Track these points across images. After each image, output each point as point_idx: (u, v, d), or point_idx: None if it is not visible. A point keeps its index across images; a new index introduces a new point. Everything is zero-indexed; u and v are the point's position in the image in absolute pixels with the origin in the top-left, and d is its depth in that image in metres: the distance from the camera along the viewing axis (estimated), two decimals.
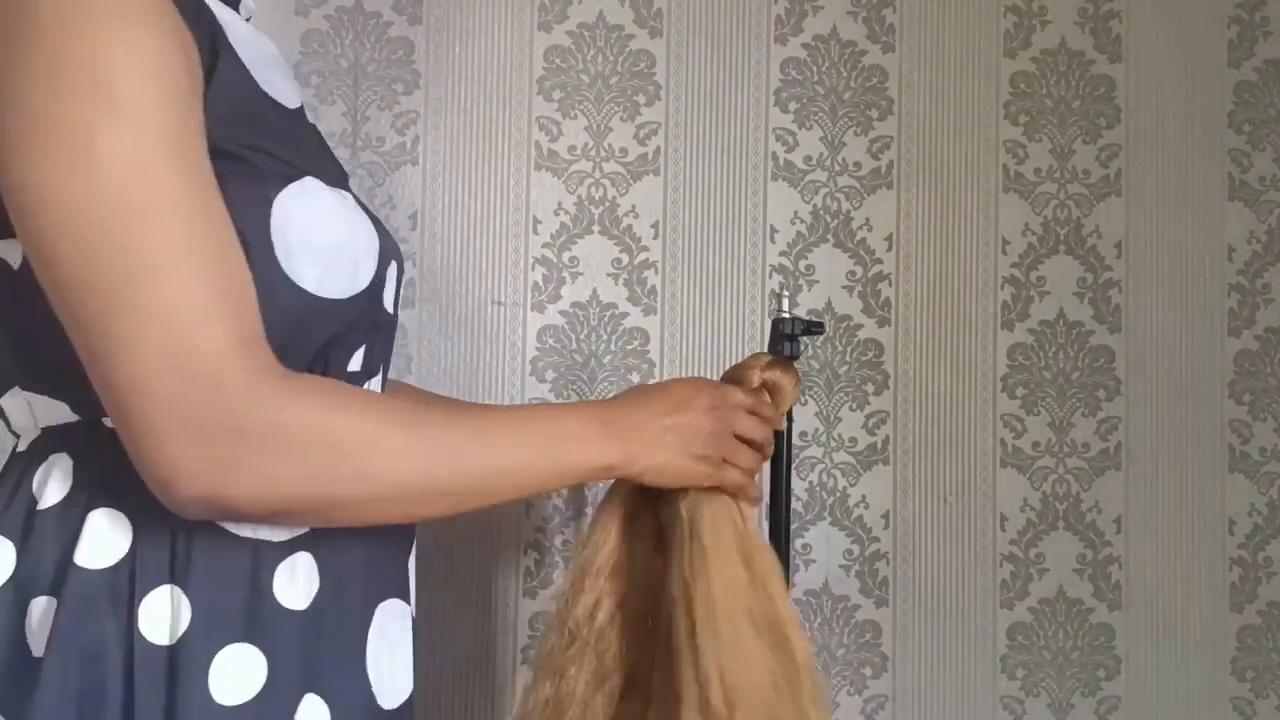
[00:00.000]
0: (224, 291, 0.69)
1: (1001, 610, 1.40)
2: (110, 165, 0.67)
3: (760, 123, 1.41)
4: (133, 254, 0.67)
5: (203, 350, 0.67)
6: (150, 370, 0.67)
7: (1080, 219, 1.43)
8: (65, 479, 0.76)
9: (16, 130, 0.67)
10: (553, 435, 0.85)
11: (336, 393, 0.75)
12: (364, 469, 0.73)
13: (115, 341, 0.67)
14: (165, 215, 0.68)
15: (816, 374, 1.40)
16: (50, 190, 0.67)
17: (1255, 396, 1.44)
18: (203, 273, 0.68)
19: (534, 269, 1.38)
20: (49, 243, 0.67)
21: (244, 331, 0.70)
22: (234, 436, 0.68)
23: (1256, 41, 1.46)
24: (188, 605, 0.74)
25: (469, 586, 1.35)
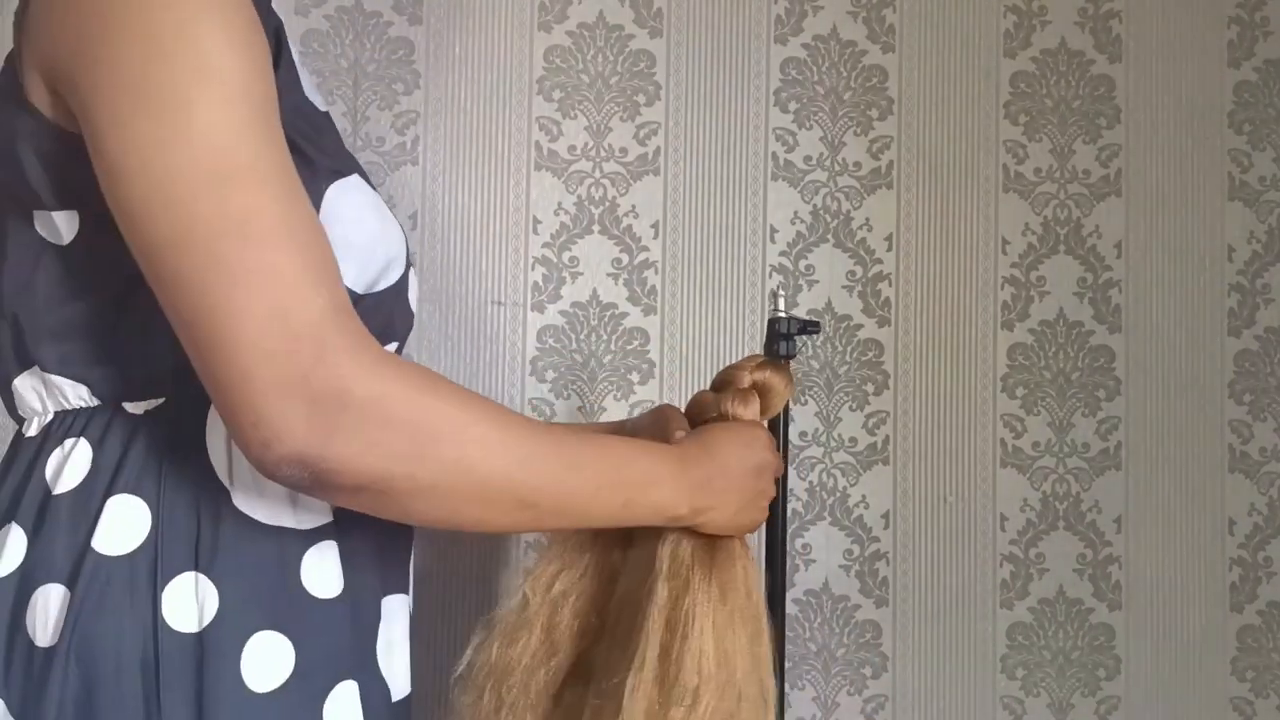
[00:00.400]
0: (319, 259, 0.70)
1: (1001, 610, 1.40)
2: (207, 131, 0.68)
3: (760, 123, 1.41)
4: (233, 216, 0.67)
5: (307, 311, 0.68)
6: (256, 329, 0.67)
7: (1080, 219, 1.43)
8: (83, 465, 0.75)
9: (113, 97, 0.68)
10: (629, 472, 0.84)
11: (432, 375, 0.75)
12: (457, 455, 0.73)
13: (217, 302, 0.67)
14: (260, 182, 0.69)
15: (816, 374, 1.40)
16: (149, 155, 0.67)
17: (1255, 396, 1.44)
18: (299, 240, 0.69)
19: (534, 269, 1.38)
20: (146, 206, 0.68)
21: (339, 299, 0.71)
22: (339, 399, 0.68)
23: (1256, 41, 1.46)
24: (214, 592, 0.73)
25: (469, 586, 1.35)
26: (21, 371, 0.80)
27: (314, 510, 0.78)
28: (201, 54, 0.68)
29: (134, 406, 0.77)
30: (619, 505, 0.84)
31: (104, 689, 0.71)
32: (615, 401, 1.37)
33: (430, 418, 0.72)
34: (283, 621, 0.75)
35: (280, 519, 0.77)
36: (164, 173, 0.67)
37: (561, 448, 0.80)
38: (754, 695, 0.89)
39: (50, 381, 0.78)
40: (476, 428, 0.74)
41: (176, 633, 0.72)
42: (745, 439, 0.94)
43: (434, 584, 1.33)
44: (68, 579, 0.73)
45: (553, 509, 0.80)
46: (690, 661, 0.87)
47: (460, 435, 0.73)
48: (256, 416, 0.67)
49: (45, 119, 0.74)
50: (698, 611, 0.89)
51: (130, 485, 0.74)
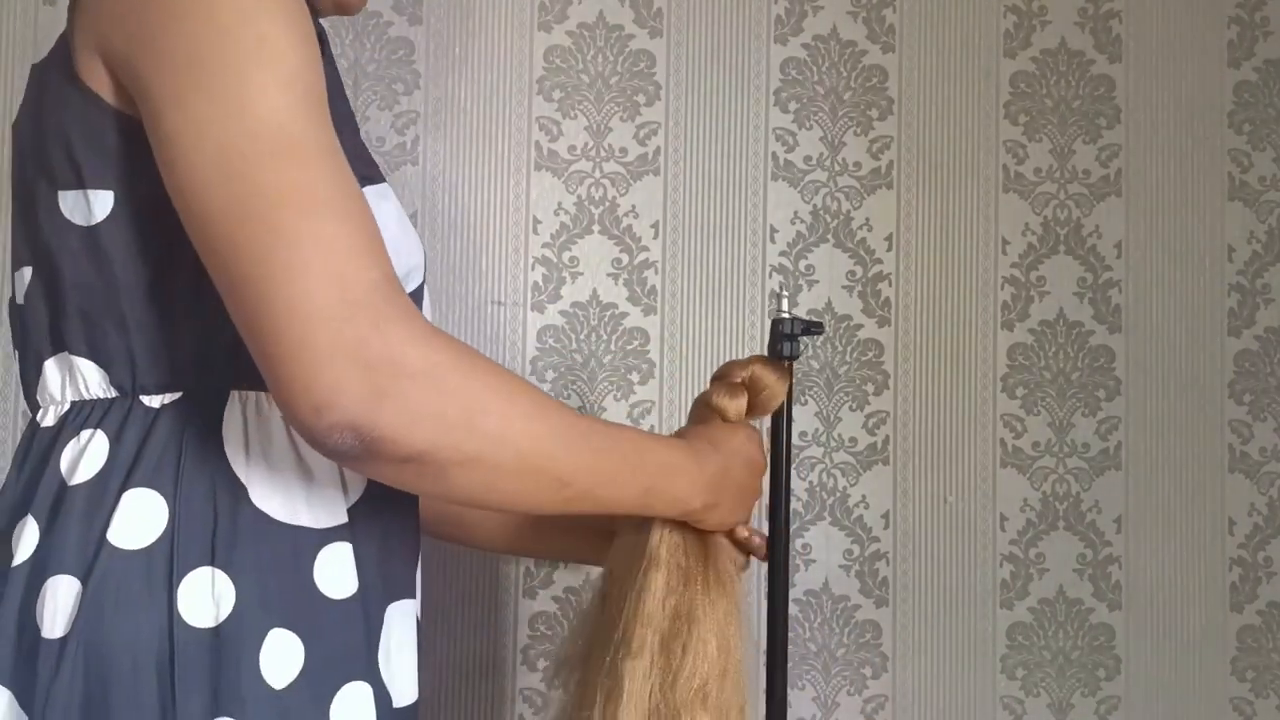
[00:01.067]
0: (371, 234, 0.71)
1: (1001, 610, 1.40)
2: (265, 107, 0.69)
3: (760, 123, 1.41)
4: (289, 187, 0.69)
5: (363, 281, 0.69)
6: (313, 295, 0.67)
7: (1080, 219, 1.43)
8: (98, 456, 0.75)
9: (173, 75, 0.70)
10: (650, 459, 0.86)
11: (476, 352, 0.76)
12: (502, 429, 0.74)
13: (273, 269, 0.68)
14: (315, 158, 0.70)
15: (816, 374, 1.40)
16: (207, 130, 0.69)
17: (1255, 396, 1.44)
18: (353, 215, 0.71)
19: (534, 269, 1.38)
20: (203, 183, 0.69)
21: (390, 271, 0.72)
22: (394, 368, 0.68)
23: (1256, 41, 1.46)
24: (231, 588, 0.73)
25: (469, 586, 1.35)
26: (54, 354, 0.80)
27: (329, 509, 0.78)
28: (260, 36, 0.70)
29: (151, 400, 0.77)
30: (640, 492, 0.85)
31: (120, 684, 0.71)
32: (615, 401, 1.37)
33: (478, 390, 0.73)
34: (294, 619, 0.75)
35: (296, 517, 0.77)
36: (223, 147, 0.69)
37: (593, 430, 0.82)
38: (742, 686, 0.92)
39: (75, 366, 0.78)
40: (519, 401, 0.76)
41: (193, 628, 0.72)
42: (742, 436, 0.96)
43: (434, 584, 1.33)
44: (80, 571, 0.73)
45: (584, 490, 0.80)
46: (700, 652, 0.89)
47: (506, 409, 0.74)
48: (310, 381, 0.68)
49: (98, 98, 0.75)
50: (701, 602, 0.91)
51: (147, 479, 0.75)
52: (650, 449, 0.87)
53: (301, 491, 0.77)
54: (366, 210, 0.72)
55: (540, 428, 0.76)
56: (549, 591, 1.36)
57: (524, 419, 0.75)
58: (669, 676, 0.88)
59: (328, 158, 0.71)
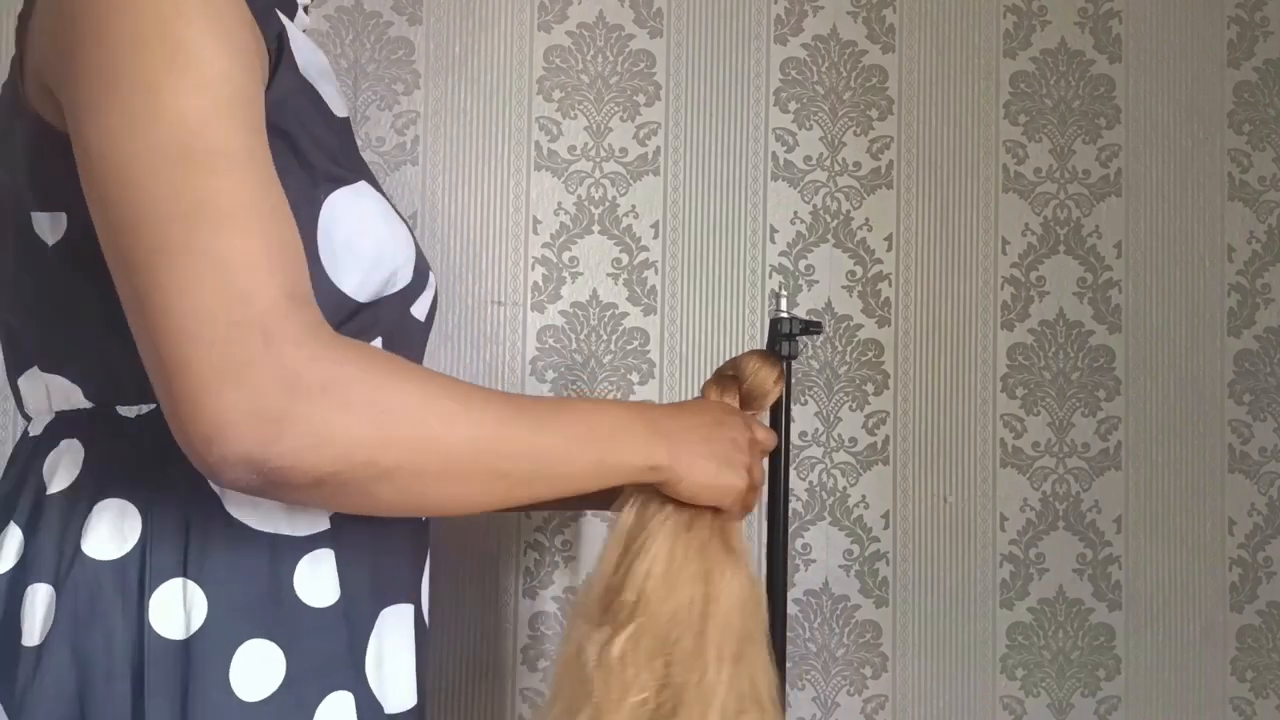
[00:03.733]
0: (279, 246, 0.68)
1: (1001, 610, 1.40)
2: (174, 116, 0.67)
3: (760, 123, 1.41)
4: (188, 199, 0.66)
5: (257, 298, 0.65)
6: (200, 314, 0.64)
7: (1080, 219, 1.43)
8: (74, 465, 0.75)
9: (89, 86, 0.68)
10: (597, 426, 0.82)
11: (387, 357, 0.73)
12: (416, 435, 0.70)
13: (165, 284, 0.65)
14: (224, 167, 0.67)
15: (816, 374, 1.40)
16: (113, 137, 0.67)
17: (1255, 396, 1.44)
18: (258, 225, 0.67)
19: (534, 269, 1.38)
20: (108, 188, 0.67)
21: (297, 288, 0.68)
22: (285, 390, 0.65)
23: (1256, 41, 1.46)
24: (203, 599, 0.73)
25: (469, 587, 1.35)
26: (23, 372, 0.80)
27: (309, 516, 0.77)
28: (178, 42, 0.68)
29: (126, 410, 0.76)
30: (593, 462, 0.81)
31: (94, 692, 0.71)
32: None
33: (387, 398, 0.69)
34: (274, 629, 0.74)
35: (275, 525, 0.76)
36: (127, 156, 0.66)
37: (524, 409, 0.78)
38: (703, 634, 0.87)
39: (49, 382, 0.78)
40: (436, 402, 0.72)
41: (163, 639, 0.72)
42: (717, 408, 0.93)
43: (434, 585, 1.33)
44: (55, 580, 0.73)
45: (526, 475, 0.77)
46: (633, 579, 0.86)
47: (420, 412, 0.71)
48: (196, 409, 0.64)
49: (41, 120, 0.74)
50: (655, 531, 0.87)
51: (121, 489, 0.74)
52: (596, 414, 0.84)
53: None
54: (280, 222, 0.69)
55: (464, 425, 0.73)
56: (549, 591, 1.36)
57: (444, 419, 0.72)
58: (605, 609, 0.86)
59: (241, 165, 0.68)
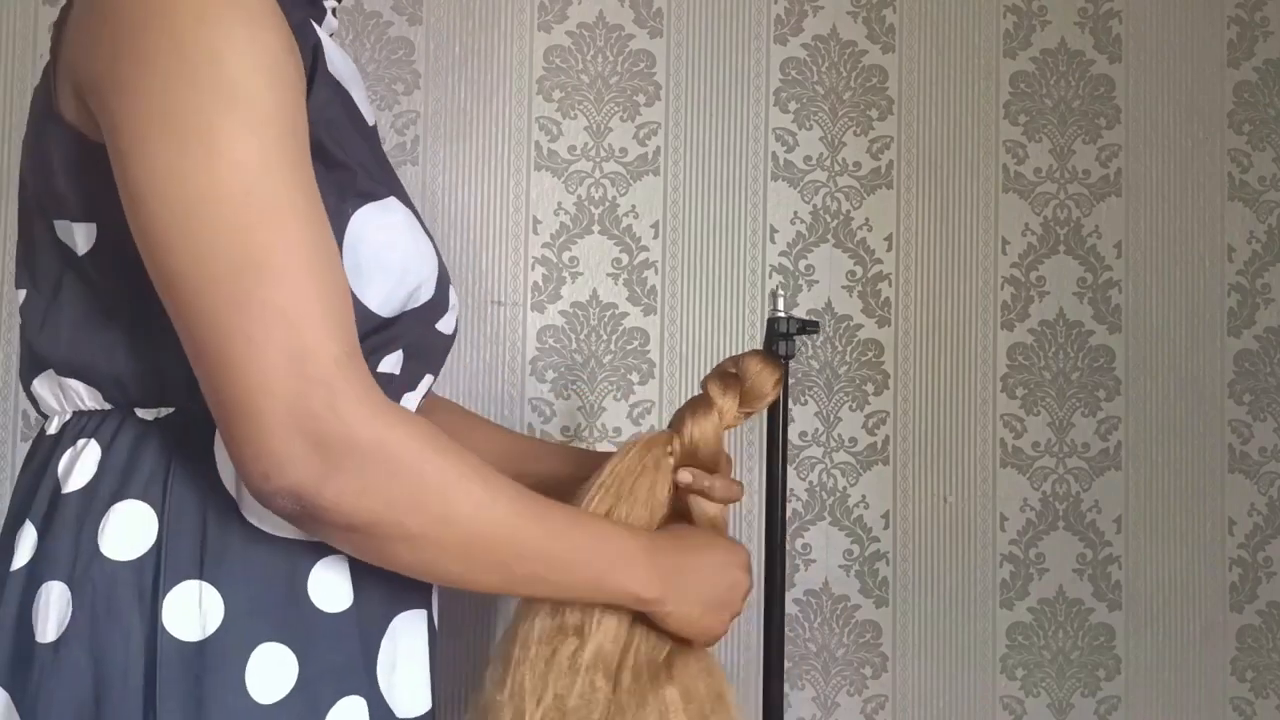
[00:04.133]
0: (336, 301, 0.71)
1: (1001, 610, 1.40)
2: (232, 161, 0.68)
3: (760, 123, 1.41)
4: (254, 253, 0.68)
5: (321, 354, 0.69)
6: (270, 369, 0.68)
7: (1080, 219, 1.43)
8: (91, 465, 0.76)
9: (138, 119, 0.68)
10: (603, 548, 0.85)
11: (432, 429, 0.76)
12: (445, 512, 0.74)
13: (233, 338, 0.68)
14: (284, 216, 0.69)
15: (816, 374, 1.40)
16: (170, 181, 0.68)
17: (1255, 396, 1.44)
18: (318, 279, 0.70)
19: (534, 269, 1.38)
20: (166, 235, 0.68)
21: (351, 344, 0.72)
22: (342, 443, 0.69)
23: (1256, 41, 1.46)
24: (219, 602, 0.74)
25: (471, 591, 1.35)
26: (38, 374, 0.80)
27: None
28: (229, 80, 0.68)
29: (145, 412, 0.77)
30: (590, 580, 0.84)
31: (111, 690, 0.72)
32: (615, 401, 1.37)
33: (426, 470, 0.73)
34: (287, 633, 0.75)
35: (288, 530, 0.77)
36: (185, 203, 0.67)
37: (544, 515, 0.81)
38: None
39: (64, 384, 0.79)
40: (469, 485, 0.76)
41: (177, 640, 0.73)
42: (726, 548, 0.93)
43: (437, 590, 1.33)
44: (70, 578, 0.73)
45: (530, 574, 0.81)
46: None
47: (452, 491, 0.75)
48: (260, 450, 0.69)
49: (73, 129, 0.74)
50: None
51: (138, 491, 0.75)
52: (607, 536, 0.86)
53: None
54: (334, 270, 0.72)
55: (489, 514, 0.76)
56: None
57: (473, 504, 0.75)
58: None
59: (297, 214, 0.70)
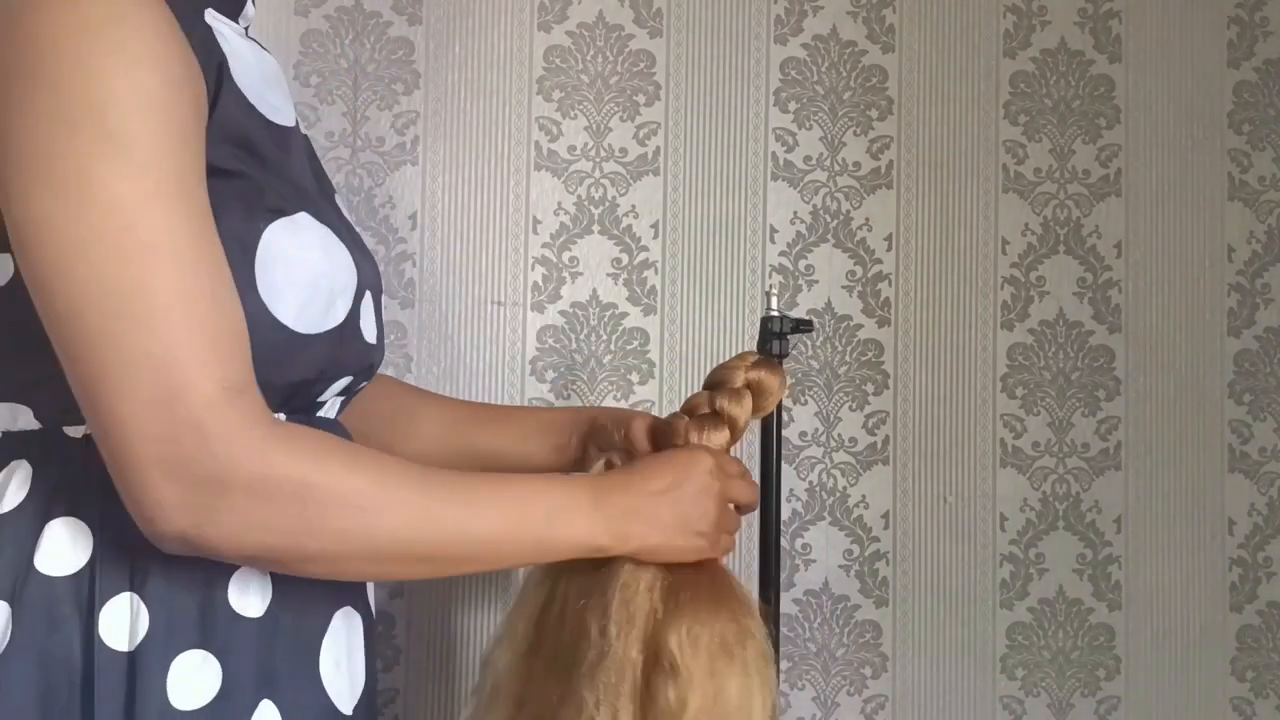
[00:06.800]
0: (217, 337, 0.70)
1: (1001, 610, 1.40)
2: (107, 205, 0.67)
3: (760, 123, 1.41)
4: (127, 295, 0.68)
5: (192, 396, 0.69)
6: (138, 411, 0.68)
7: (1080, 219, 1.43)
8: (23, 485, 0.76)
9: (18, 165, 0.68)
10: (535, 508, 0.83)
11: (321, 445, 0.76)
12: (341, 526, 0.74)
13: (105, 379, 0.68)
14: (161, 257, 0.69)
15: (816, 374, 1.40)
16: (47, 226, 0.68)
17: (1255, 396, 1.44)
18: (197, 317, 0.69)
19: (534, 269, 1.38)
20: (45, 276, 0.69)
21: (234, 378, 0.71)
22: (217, 484, 0.70)
23: (1256, 41, 1.46)
24: (145, 612, 0.75)
25: (469, 587, 1.35)
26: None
27: None
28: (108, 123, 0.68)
29: (74, 430, 0.77)
30: (530, 544, 0.83)
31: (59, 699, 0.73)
32: (615, 401, 1.37)
33: (314, 491, 0.73)
34: (209, 640, 0.76)
35: None
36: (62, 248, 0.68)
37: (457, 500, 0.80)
38: None
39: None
40: (361, 497, 0.75)
41: (112, 651, 0.74)
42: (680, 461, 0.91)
43: (433, 585, 1.33)
44: (10, 596, 0.74)
45: (455, 557, 0.81)
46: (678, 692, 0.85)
47: (346, 504, 0.74)
48: (139, 495, 0.69)
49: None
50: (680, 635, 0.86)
51: (72, 508, 0.75)
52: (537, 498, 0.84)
53: None
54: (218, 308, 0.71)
55: (388, 518, 0.76)
56: None
57: (366, 511, 0.75)
58: None
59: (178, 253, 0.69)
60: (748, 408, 0.97)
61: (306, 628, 0.82)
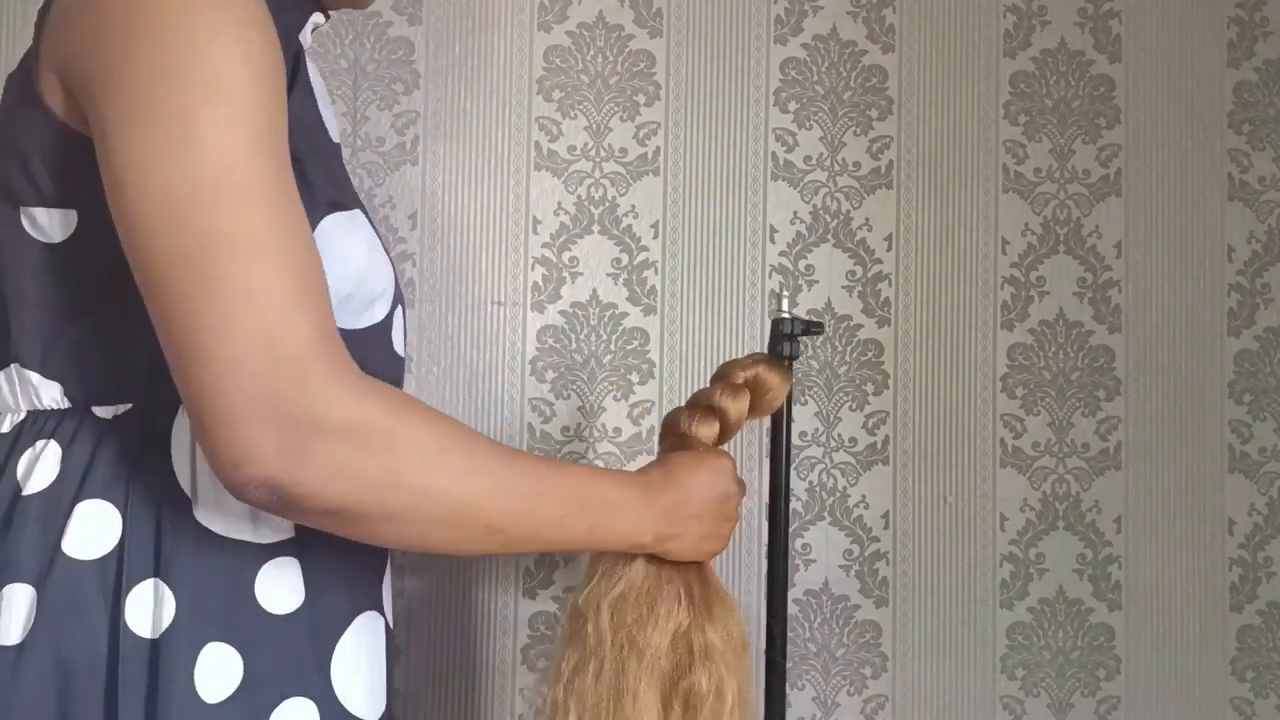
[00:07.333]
0: (309, 283, 0.71)
1: (1001, 610, 1.40)
2: (211, 147, 0.69)
3: (760, 123, 1.41)
4: (227, 233, 0.68)
5: (291, 336, 0.69)
6: (238, 348, 0.67)
7: (1080, 219, 1.43)
8: (52, 467, 0.76)
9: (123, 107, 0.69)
10: (594, 498, 0.86)
11: (408, 400, 0.76)
12: (424, 483, 0.74)
13: (203, 317, 0.68)
14: (259, 201, 0.70)
15: (816, 374, 1.40)
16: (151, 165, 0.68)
17: (1255, 396, 1.44)
18: (291, 261, 0.70)
19: (534, 269, 1.38)
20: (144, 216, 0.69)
21: (325, 325, 0.71)
22: (311, 425, 0.69)
23: (1256, 41, 1.46)
24: (171, 600, 0.74)
25: (469, 586, 1.35)
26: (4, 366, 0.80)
27: (273, 525, 0.79)
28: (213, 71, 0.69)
29: (103, 411, 0.77)
30: (584, 531, 0.85)
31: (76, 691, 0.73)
32: (615, 401, 1.37)
33: (402, 445, 0.73)
34: (233, 634, 0.76)
35: (238, 532, 0.77)
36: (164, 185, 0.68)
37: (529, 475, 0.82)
38: None
39: (26, 378, 0.79)
40: (446, 455, 0.75)
41: (136, 637, 0.74)
42: (712, 467, 0.95)
43: (434, 585, 1.33)
44: (35, 580, 0.74)
45: (519, 535, 0.81)
46: None
47: (430, 463, 0.74)
48: (230, 436, 0.68)
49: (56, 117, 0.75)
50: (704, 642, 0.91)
51: (100, 490, 0.75)
52: (595, 486, 0.87)
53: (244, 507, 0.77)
54: (309, 257, 0.72)
55: (468, 481, 0.76)
56: (549, 591, 1.36)
57: (451, 473, 0.75)
58: None
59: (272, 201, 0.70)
60: (743, 404, 0.98)
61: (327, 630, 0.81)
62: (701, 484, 0.93)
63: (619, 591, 0.91)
